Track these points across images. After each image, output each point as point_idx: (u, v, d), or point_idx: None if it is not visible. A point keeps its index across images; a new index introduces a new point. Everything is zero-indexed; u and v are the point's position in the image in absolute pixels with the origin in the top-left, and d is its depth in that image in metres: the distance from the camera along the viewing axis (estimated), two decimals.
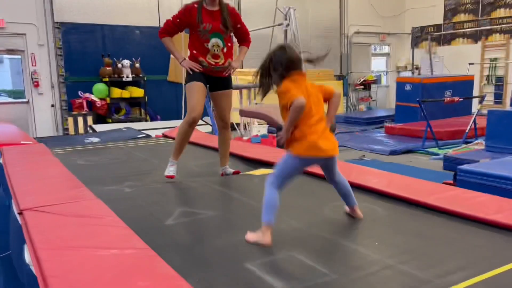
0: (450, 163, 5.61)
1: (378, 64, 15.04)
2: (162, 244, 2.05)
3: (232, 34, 3.43)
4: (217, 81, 3.39)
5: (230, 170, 3.58)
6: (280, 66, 2.07)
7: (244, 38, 3.50)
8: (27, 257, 1.82)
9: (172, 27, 3.42)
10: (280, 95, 2.05)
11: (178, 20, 3.37)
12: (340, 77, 13.54)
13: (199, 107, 3.28)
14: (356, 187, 2.94)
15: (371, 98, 14.28)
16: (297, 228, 2.25)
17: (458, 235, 2.11)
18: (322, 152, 2.08)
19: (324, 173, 2.35)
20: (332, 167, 2.26)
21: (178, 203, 2.78)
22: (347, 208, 2.39)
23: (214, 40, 3.27)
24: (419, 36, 13.83)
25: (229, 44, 3.36)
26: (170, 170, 3.36)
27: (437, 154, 6.52)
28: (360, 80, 14.02)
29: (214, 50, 3.28)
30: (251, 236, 2.06)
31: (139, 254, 1.80)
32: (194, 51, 3.32)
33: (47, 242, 1.88)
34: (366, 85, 14.13)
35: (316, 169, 3.33)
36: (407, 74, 13.92)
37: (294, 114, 1.98)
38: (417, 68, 13.82)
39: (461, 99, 7.71)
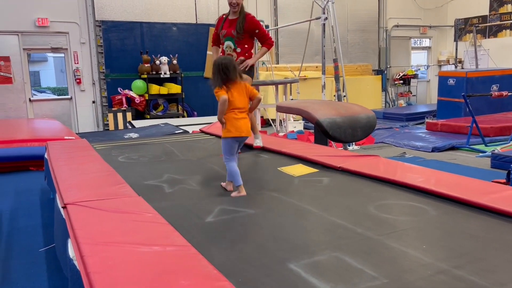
0: (499, 161, 5.32)
1: (418, 58, 14.55)
2: (203, 242, 2.01)
3: (256, 38, 4.31)
4: None
5: (258, 142, 4.04)
6: (218, 78, 2.97)
7: (262, 41, 4.28)
8: (71, 251, 1.82)
9: (214, 36, 4.44)
10: (216, 94, 3.00)
11: (215, 30, 4.36)
12: (378, 71, 13.19)
13: None
14: (402, 185, 2.82)
15: (411, 93, 13.84)
16: (341, 227, 2.15)
17: None
18: (243, 133, 3.04)
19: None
20: (242, 144, 3.23)
21: (217, 200, 2.74)
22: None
23: (226, 43, 4.22)
24: (463, 28, 13.25)
25: (246, 46, 4.18)
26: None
27: (484, 152, 6.21)
28: (399, 75, 13.62)
29: (227, 50, 4.22)
30: (234, 194, 2.89)
31: (180, 251, 1.77)
32: (221, 53, 4.33)
33: (90, 237, 1.88)
34: (406, 80, 13.71)
35: (360, 167, 3.22)
36: (450, 68, 13.38)
37: (220, 106, 2.95)
38: (460, 62, 13.26)
39: (510, 93, 7.30)
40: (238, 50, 4.16)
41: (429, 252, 1.84)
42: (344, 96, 7.29)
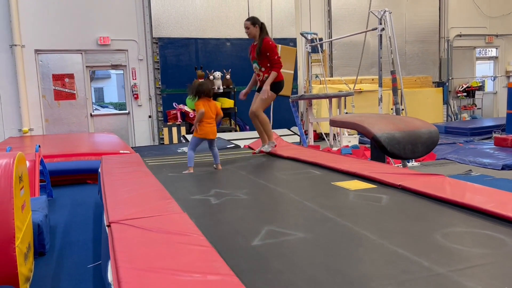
0: None
1: (482, 69, 13.68)
2: (248, 269, 1.85)
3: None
4: (260, 88, 5.02)
5: (264, 148, 5.15)
6: (197, 93, 4.29)
7: (271, 64, 4.82)
8: (109, 276, 1.73)
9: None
10: (195, 106, 4.30)
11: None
12: (439, 83, 12.52)
13: (251, 107, 5.14)
14: (473, 210, 2.50)
15: (475, 106, 13.00)
16: (404, 258, 1.90)
17: None
18: (207, 136, 4.33)
19: (208, 145, 4.46)
20: (212, 143, 4.42)
21: (265, 220, 2.58)
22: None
23: (254, 65, 5.00)
24: None
25: (268, 65, 4.83)
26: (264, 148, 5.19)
27: None
28: (462, 87, 12.85)
29: (256, 71, 5.01)
30: (184, 172, 4.22)
31: (222, 281, 1.62)
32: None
33: (130, 261, 1.78)
34: (470, 92, 12.91)
35: (423, 187, 2.93)
36: None
37: (198, 116, 4.24)
38: None
39: None
40: (263, 69, 4.86)
41: None
42: (403, 109, 6.91)
